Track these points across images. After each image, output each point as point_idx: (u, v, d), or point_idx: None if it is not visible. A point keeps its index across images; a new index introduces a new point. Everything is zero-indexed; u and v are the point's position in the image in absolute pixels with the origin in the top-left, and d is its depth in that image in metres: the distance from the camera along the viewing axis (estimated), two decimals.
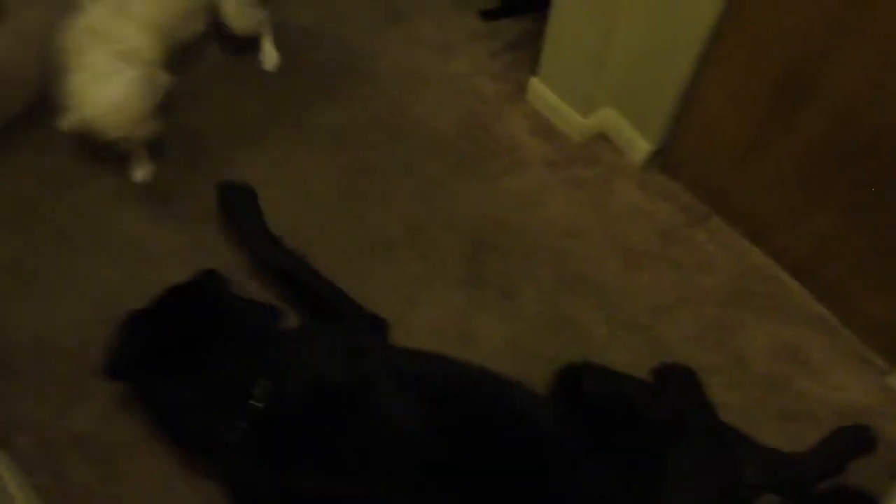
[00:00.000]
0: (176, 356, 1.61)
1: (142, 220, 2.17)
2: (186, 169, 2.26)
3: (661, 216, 2.18)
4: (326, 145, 2.30)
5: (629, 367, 1.89)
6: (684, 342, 1.97)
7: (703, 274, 2.08)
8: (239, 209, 2.03)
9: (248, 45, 2.43)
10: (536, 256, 2.10)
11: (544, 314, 2.02)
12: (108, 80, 1.88)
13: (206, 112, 2.37)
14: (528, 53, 2.46)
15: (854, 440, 1.81)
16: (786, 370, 1.92)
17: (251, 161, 2.27)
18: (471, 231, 2.15)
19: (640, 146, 2.22)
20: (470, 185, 2.23)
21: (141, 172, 2.22)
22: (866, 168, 1.71)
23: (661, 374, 1.80)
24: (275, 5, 2.39)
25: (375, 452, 1.57)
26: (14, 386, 1.91)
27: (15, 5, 2.21)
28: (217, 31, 2.32)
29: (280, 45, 2.46)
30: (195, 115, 2.35)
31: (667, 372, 1.81)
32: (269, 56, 2.45)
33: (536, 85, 2.34)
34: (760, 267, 2.09)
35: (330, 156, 2.29)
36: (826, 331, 2.00)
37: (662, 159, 2.24)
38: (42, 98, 2.26)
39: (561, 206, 2.21)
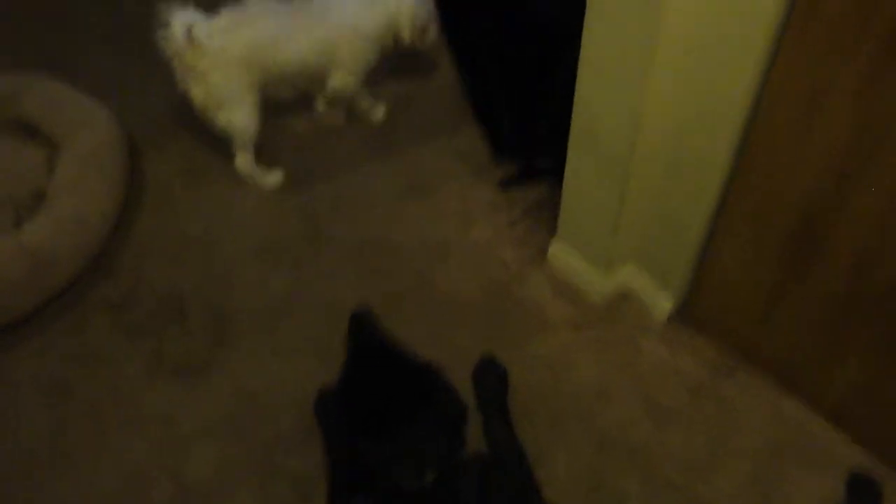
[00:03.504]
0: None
1: (171, 396, 2.18)
2: (215, 346, 2.29)
3: (689, 371, 2.16)
4: None
5: None
6: (724, 500, 1.90)
7: (736, 428, 2.04)
8: (489, 382, 2.14)
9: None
10: (566, 420, 2.08)
11: (578, 478, 1.97)
12: None
13: (235, 291, 2.44)
14: (546, 218, 2.53)
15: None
16: None
17: (281, 335, 2.32)
18: None
19: (663, 302, 2.24)
20: (497, 352, 2.22)
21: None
22: (889, 313, 1.71)
23: None
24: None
25: None
26: None
27: (54, 193, 2.37)
28: None
29: (301, 217, 2.59)
30: (223, 294, 2.42)
31: None
32: (374, 112, 2.95)
33: (556, 248, 2.40)
34: (795, 416, 2.05)
35: None
36: None
37: (686, 313, 2.25)
38: (75, 280, 2.37)
39: (589, 368, 2.20)
